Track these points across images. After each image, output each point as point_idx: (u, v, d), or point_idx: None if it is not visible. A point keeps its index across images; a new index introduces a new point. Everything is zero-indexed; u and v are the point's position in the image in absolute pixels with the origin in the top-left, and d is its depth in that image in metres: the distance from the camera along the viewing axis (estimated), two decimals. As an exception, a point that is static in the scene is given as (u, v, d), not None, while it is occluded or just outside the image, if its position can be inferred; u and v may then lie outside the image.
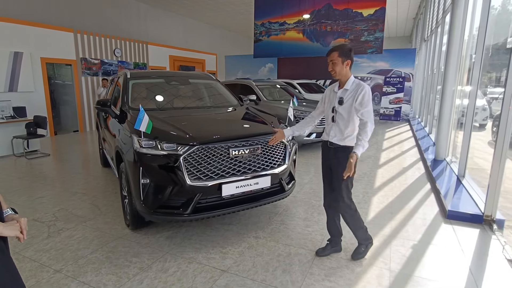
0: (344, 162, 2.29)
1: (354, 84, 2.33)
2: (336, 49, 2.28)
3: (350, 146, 2.34)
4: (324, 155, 2.51)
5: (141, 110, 2.49)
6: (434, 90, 8.23)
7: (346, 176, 2.20)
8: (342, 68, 2.29)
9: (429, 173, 4.85)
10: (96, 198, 3.88)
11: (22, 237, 1.21)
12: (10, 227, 1.17)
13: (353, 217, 2.48)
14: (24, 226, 1.23)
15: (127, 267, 2.45)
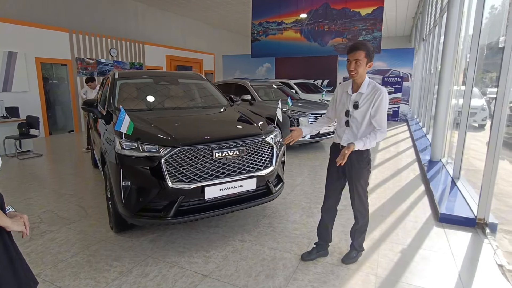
0: (357, 164, 2.23)
1: (370, 87, 2.16)
2: (363, 48, 2.05)
3: (365, 150, 2.24)
4: (335, 157, 2.30)
5: (122, 111, 2.43)
6: (432, 90, 8.15)
7: (338, 164, 2.09)
8: (365, 70, 2.11)
9: (424, 175, 4.78)
10: (84, 199, 3.83)
11: (26, 232, 1.33)
12: (17, 223, 1.30)
13: (364, 217, 2.41)
14: (27, 222, 1.35)
15: (107, 271, 2.39)
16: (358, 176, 2.27)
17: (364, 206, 2.37)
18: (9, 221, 1.27)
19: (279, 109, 3.21)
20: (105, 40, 9.59)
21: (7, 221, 1.27)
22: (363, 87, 2.15)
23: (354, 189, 2.31)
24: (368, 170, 2.29)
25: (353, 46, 2.07)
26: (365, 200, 2.36)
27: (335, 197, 2.47)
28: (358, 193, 2.31)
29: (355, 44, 2.07)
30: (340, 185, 2.41)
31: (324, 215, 2.51)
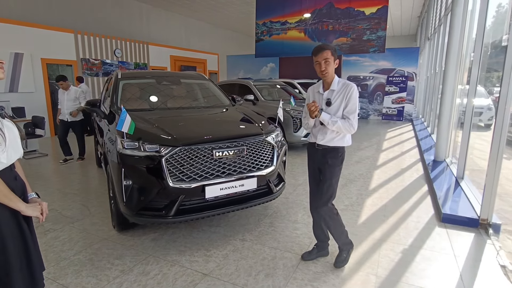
0: (333, 164, 2.27)
1: (340, 83, 2.25)
2: (328, 48, 2.15)
3: (340, 146, 2.29)
4: (312, 157, 2.42)
5: (123, 111, 2.46)
6: (437, 90, 8.08)
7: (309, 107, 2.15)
8: (333, 68, 2.20)
9: (428, 175, 4.74)
10: (87, 198, 3.87)
11: (41, 218, 1.39)
12: (32, 208, 1.35)
13: (335, 220, 2.39)
14: (45, 209, 1.42)
15: (109, 269, 2.41)
16: (330, 174, 2.29)
17: (332, 211, 2.39)
18: (23, 205, 1.32)
19: (280, 108, 3.22)
20: (110, 40, 9.68)
21: (21, 206, 1.31)
22: (333, 84, 2.24)
23: (324, 187, 2.32)
24: (340, 168, 2.34)
25: (319, 47, 2.15)
26: (331, 205, 2.37)
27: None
28: (327, 191, 2.33)
29: (321, 45, 2.16)
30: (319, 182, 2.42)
31: (315, 215, 2.48)
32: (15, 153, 1.35)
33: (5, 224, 1.28)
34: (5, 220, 1.28)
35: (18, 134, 1.38)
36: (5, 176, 1.29)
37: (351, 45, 10.62)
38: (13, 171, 1.39)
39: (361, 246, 2.77)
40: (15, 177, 1.40)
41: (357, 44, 10.53)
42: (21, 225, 1.35)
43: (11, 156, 1.31)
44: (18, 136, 1.37)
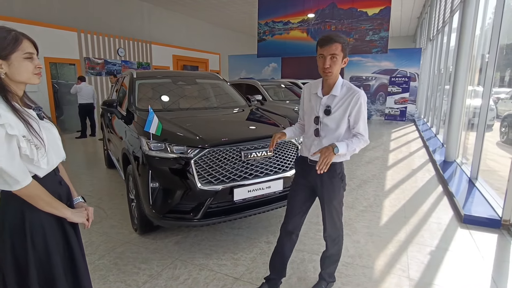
0: (331, 184, 1.85)
1: (344, 88, 1.78)
2: (339, 40, 1.65)
3: (337, 162, 1.84)
4: (302, 173, 1.96)
5: (151, 112, 2.41)
6: (441, 90, 8.12)
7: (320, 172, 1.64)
8: (340, 68, 1.73)
9: (440, 175, 4.75)
10: (102, 200, 3.80)
11: (87, 224, 1.33)
12: (79, 214, 1.28)
13: (336, 244, 2.03)
14: (91, 214, 1.35)
15: (136, 274, 2.36)
16: (330, 197, 1.87)
17: (337, 232, 1.99)
18: (69, 212, 1.25)
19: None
20: (113, 39, 9.56)
21: (67, 213, 1.24)
22: (336, 88, 1.77)
23: (327, 212, 1.93)
24: (343, 188, 1.92)
25: (328, 37, 1.65)
26: (339, 224, 1.97)
27: (297, 221, 2.03)
28: (331, 216, 1.93)
29: (331, 36, 1.65)
30: (306, 207, 2.02)
31: (284, 238, 2.06)
32: (57, 157, 1.28)
33: (51, 235, 1.22)
34: (51, 230, 1.22)
35: (58, 135, 1.30)
36: (49, 181, 1.22)
37: (354, 45, 10.63)
38: (58, 176, 1.33)
39: (387, 247, 2.75)
40: (60, 182, 1.33)
41: (359, 44, 10.55)
42: (68, 234, 1.29)
43: (52, 160, 1.23)
44: (58, 138, 1.30)
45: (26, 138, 1.10)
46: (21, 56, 1.13)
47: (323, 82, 1.83)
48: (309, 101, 1.91)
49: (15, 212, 1.16)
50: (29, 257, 1.17)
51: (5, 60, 1.11)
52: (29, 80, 1.17)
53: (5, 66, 1.11)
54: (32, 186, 1.14)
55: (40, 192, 1.16)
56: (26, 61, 1.14)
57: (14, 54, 1.11)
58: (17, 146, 1.09)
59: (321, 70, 1.74)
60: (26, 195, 1.13)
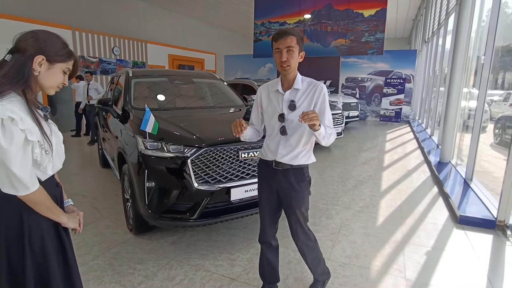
0: (300, 188, 1.77)
1: (305, 82, 1.76)
2: (293, 33, 1.64)
3: (304, 165, 1.78)
4: (267, 179, 1.85)
5: (147, 110, 2.38)
6: (436, 92, 8.19)
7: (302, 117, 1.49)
8: (297, 62, 1.70)
9: (435, 176, 4.78)
10: (96, 200, 3.75)
11: (79, 229, 1.31)
12: (73, 220, 1.27)
13: (313, 249, 1.97)
14: (82, 219, 1.34)
15: (131, 274, 2.33)
16: (299, 203, 1.79)
17: (309, 237, 1.93)
18: (65, 218, 1.24)
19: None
20: (108, 38, 9.47)
21: (64, 218, 1.23)
22: (297, 82, 1.73)
23: (295, 220, 1.84)
24: (309, 192, 1.87)
25: (282, 31, 1.65)
26: (308, 230, 1.91)
27: (269, 231, 1.95)
28: (300, 224, 1.84)
29: (285, 30, 1.66)
30: (276, 215, 1.93)
31: (266, 249, 1.99)
32: (60, 161, 1.27)
33: (48, 238, 1.20)
34: (48, 233, 1.20)
35: (62, 138, 1.28)
36: (48, 184, 1.21)
37: (350, 46, 10.69)
38: (55, 178, 1.31)
39: (384, 248, 2.75)
40: (56, 184, 1.32)
41: (355, 45, 10.60)
42: (62, 238, 1.27)
43: (56, 165, 1.23)
44: (61, 141, 1.28)
45: (39, 143, 1.09)
46: (63, 68, 1.17)
47: (282, 79, 1.77)
48: (268, 101, 1.80)
49: (13, 214, 1.13)
50: (26, 261, 1.15)
51: (50, 63, 1.13)
52: (48, 89, 1.17)
53: (44, 68, 1.12)
54: (38, 192, 1.12)
55: (44, 198, 1.15)
56: (61, 74, 1.17)
57: (60, 64, 1.15)
58: (31, 152, 1.08)
59: (278, 65, 1.69)
60: (31, 200, 1.11)
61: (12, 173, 1.03)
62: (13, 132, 1.00)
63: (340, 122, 6.72)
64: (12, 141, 1.00)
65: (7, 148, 0.99)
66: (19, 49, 1.10)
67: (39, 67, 1.10)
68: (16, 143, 1.01)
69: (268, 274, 2.04)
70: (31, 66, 1.09)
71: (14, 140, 1.00)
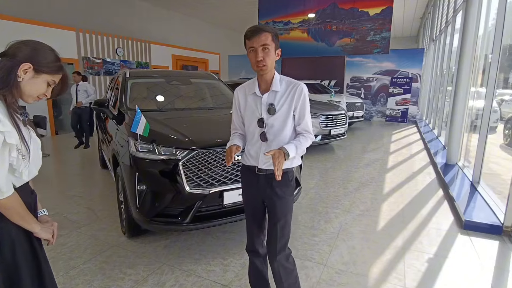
0: (284, 195, 1.65)
1: (284, 82, 1.62)
2: (267, 30, 1.52)
3: (288, 169, 1.65)
4: (250, 185, 1.73)
5: (138, 112, 2.33)
6: (444, 91, 8.01)
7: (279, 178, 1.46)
8: (274, 60, 1.57)
9: (441, 179, 4.64)
10: (93, 202, 3.72)
11: (52, 241, 1.28)
12: (45, 230, 1.24)
13: (292, 273, 1.77)
14: (56, 230, 1.31)
15: (121, 279, 2.28)
16: (284, 209, 1.66)
17: (288, 257, 1.75)
18: (38, 227, 1.21)
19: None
20: (111, 39, 9.51)
21: (36, 227, 1.20)
22: (275, 83, 1.59)
23: (277, 228, 1.68)
24: (293, 199, 1.77)
25: (256, 27, 1.52)
26: (288, 249, 1.75)
27: (256, 239, 1.80)
28: (283, 231, 1.69)
29: (258, 26, 1.53)
30: (262, 223, 1.79)
31: (254, 259, 1.85)
32: (36, 167, 1.23)
33: (19, 246, 1.17)
34: (20, 243, 1.17)
35: (40, 144, 1.26)
36: (22, 191, 1.18)
37: (355, 45, 10.54)
38: (29, 185, 1.28)
39: (384, 254, 2.65)
40: (31, 191, 1.30)
41: (360, 45, 10.45)
42: (35, 248, 1.24)
43: (32, 171, 1.20)
44: (39, 148, 1.25)
45: (17, 147, 1.08)
46: (48, 80, 1.16)
47: (259, 80, 1.63)
48: (246, 104, 1.66)
49: None
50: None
51: (36, 72, 1.12)
52: (27, 97, 1.15)
53: (29, 75, 1.11)
54: (12, 197, 1.10)
55: (17, 205, 1.13)
56: (44, 85, 1.16)
57: (46, 75, 1.15)
58: (8, 155, 1.06)
59: (254, 65, 1.55)
60: (3, 206, 1.09)
61: None
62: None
63: (344, 122, 6.60)
64: None
65: None
66: (8, 54, 1.10)
67: (23, 74, 1.10)
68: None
69: (258, 282, 1.95)
70: (16, 72, 1.08)
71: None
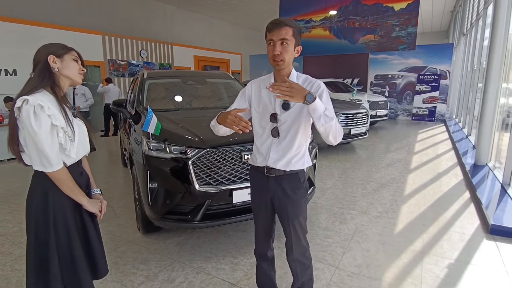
0: (295, 196, 1.60)
1: (301, 79, 1.58)
2: (291, 24, 1.46)
3: (299, 170, 1.61)
4: (259, 187, 1.69)
5: (149, 111, 2.38)
6: (475, 88, 7.56)
7: (272, 88, 1.37)
8: (292, 56, 1.51)
9: (468, 180, 4.38)
10: (113, 199, 3.86)
11: (99, 215, 1.51)
12: (93, 204, 1.47)
13: (307, 270, 1.74)
14: (104, 207, 1.54)
15: (134, 274, 2.34)
16: (296, 212, 1.62)
17: (305, 254, 1.71)
18: (85, 200, 1.43)
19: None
20: (135, 41, 9.84)
21: (84, 200, 1.42)
22: (291, 79, 1.55)
23: (291, 231, 1.64)
24: (307, 200, 1.70)
25: (278, 21, 1.47)
26: (306, 244, 1.70)
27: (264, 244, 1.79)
28: (297, 235, 1.65)
29: (280, 19, 1.48)
30: (272, 223, 1.76)
31: (261, 262, 1.84)
32: (83, 150, 1.48)
33: (71, 215, 1.40)
34: (71, 211, 1.40)
35: (86, 131, 1.50)
36: (72, 171, 1.40)
37: (379, 42, 10.22)
38: (80, 167, 1.50)
39: (400, 258, 2.54)
40: (81, 172, 1.50)
41: (385, 41, 10.12)
42: (84, 219, 1.47)
43: (79, 152, 1.43)
44: (86, 134, 1.50)
45: (64, 129, 1.31)
46: (71, 57, 1.40)
47: (275, 75, 1.59)
48: (259, 98, 1.61)
49: (41, 193, 1.35)
50: (50, 236, 1.34)
51: (59, 58, 1.37)
52: (74, 76, 1.41)
53: (59, 63, 1.36)
54: (62, 171, 1.33)
55: (67, 178, 1.35)
56: (74, 62, 1.41)
57: (67, 55, 1.39)
58: (57, 135, 1.30)
59: (271, 58, 1.50)
60: (56, 178, 1.33)
61: (42, 152, 1.26)
62: (41, 117, 1.24)
63: (365, 121, 6.41)
64: (41, 124, 1.23)
65: (37, 131, 1.23)
66: (35, 63, 1.37)
67: (55, 64, 1.35)
68: (44, 126, 1.24)
69: (265, 285, 1.92)
70: (50, 66, 1.35)
71: (43, 124, 1.24)
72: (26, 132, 1.25)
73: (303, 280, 1.73)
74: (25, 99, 1.23)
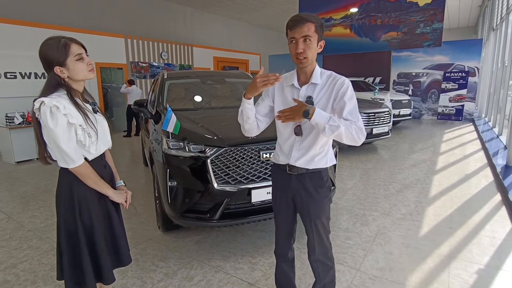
0: (318, 195, 1.57)
1: (325, 76, 1.52)
2: (312, 20, 1.41)
3: (322, 168, 1.57)
4: (281, 185, 1.66)
5: (169, 110, 2.40)
6: (506, 86, 7.17)
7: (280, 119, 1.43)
8: (315, 53, 1.48)
9: (499, 182, 4.15)
10: (134, 197, 3.94)
11: (125, 205, 1.58)
12: (119, 195, 1.53)
13: (329, 271, 1.69)
14: (129, 197, 1.61)
15: (153, 271, 2.37)
16: (318, 212, 1.59)
17: (327, 254, 1.66)
18: (111, 191, 1.49)
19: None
20: (156, 44, 10.06)
21: (109, 191, 1.49)
22: (315, 76, 1.50)
23: (313, 230, 1.62)
24: (330, 199, 1.66)
25: (299, 17, 1.42)
26: (328, 245, 1.66)
27: (285, 243, 1.76)
28: (319, 235, 1.62)
29: (301, 15, 1.42)
30: (294, 223, 1.73)
31: (281, 262, 1.81)
32: (104, 145, 1.54)
33: (95, 206, 1.47)
34: (95, 203, 1.47)
35: (107, 127, 1.56)
36: (95, 164, 1.47)
37: (402, 39, 9.90)
38: (103, 160, 1.57)
39: (425, 262, 2.43)
40: (104, 165, 1.57)
41: (409, 38, 9.79)
42: (109, 209, 1.53)
43: (100, 148, 1.49)
44: (108, 129, 1.56)
45: (82, 127, 1.36)
46: (73, 59, 1.36)
47: (298, 72, 1.55)
48: (282, 96, 1.58)
49: (67, 188, 1.43)
50: (78, 227, 1.42)
51: (63, 66, 1.35)
52: (85, 77, 1.42)
53: (65, 71, 1.36)
54: (84, 166, 1.40)
55: (89, 172, 1.42)
56: (78, 63, 1.38)
57: (68, 59, 1.35)
58: (75, 133, 1.35)
59: (294, 56, 1.46)
60: (79, 173, 1.39)
61: (61, 149, 1.32)
62: (58, 117, 1.29)
63: (387, 121, 6.22)
64: (57, 123, 1.29)
65: (54, 129, 1.29)
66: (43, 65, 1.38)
67: (63, 74, 1.36)
68: (60, 124, 1.29)
69: (286, 283, 1.88)
70: (59, 77, 1.36)
71: (59, 122, 1.29)
72: (45, 130, 1.33)
73: (325, 282, 1.68)
74: (41, 101, 1.29)
